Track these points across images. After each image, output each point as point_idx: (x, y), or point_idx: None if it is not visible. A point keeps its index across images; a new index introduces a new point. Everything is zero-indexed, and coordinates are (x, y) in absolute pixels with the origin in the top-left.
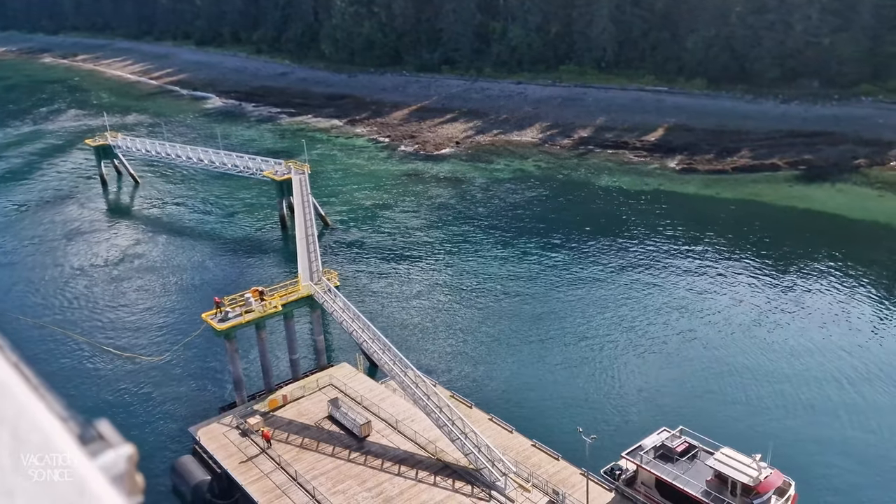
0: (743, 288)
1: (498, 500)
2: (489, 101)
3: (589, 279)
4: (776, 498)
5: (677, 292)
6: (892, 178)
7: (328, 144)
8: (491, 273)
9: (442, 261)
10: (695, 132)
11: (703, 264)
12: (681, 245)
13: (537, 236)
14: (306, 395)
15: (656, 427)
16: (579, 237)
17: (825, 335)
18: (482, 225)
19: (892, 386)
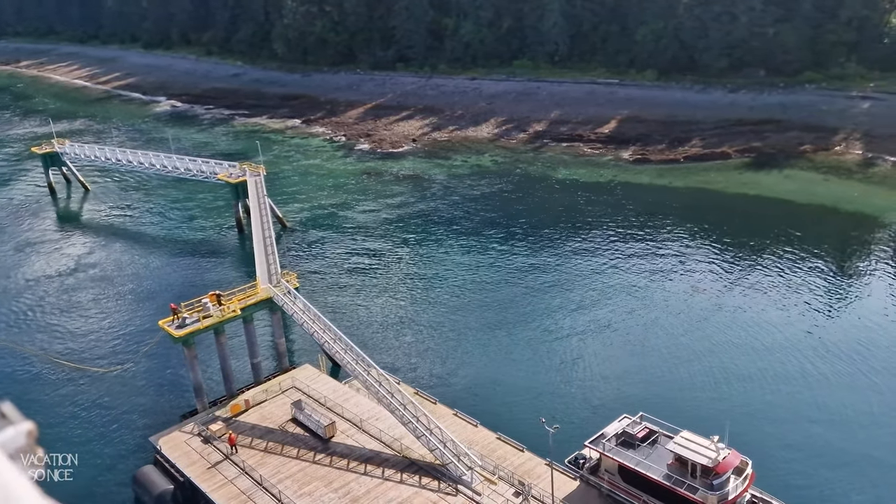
0: (699, 275)
1: (465, 494)
2: (444, 97)
3: (549, 272)
4: (734, 477)
5: (636, 281)
6: (836, 162)
7: (284, 145)
8: (452, 269)
9: (403, 259)
10: (647, 123)
11: (660, 253)
12: (637, 235)
13: (497, 231)
14: (269, 399)
15: (618, 414)
16: (538, 231)
17: (778, 317)
18: (442, 221)
19: (843, 363)
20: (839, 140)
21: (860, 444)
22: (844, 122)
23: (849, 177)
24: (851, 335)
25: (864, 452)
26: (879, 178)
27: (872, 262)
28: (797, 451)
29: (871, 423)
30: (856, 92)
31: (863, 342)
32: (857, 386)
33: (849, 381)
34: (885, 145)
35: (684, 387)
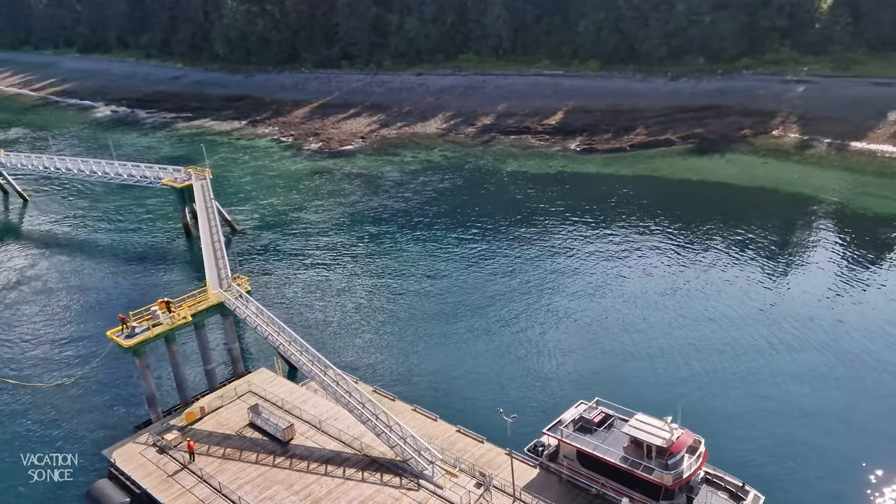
0: (649, 260)
1: (427, 488)
2: (391, 93)
3: (503, 265)
4: (688, 456)
5: (588, 269)
6: (774, 145)
7: (230, 147)
8: (407, 266)
9: (357, 257)
10: (592, 113)
11: (611, 240)
12: (588, 224)
13: (450, 226)
14: (225, 405)
15: (575, 401)
16: (491, 224)
17: (726, 298)
18: (395, 218)
19: (790, 339)
20: (777, 123)
21: (807, 416)
22: (781, 106)
23: (787, 159)
24: (796, 311)
25: (811, 424)
26: (815, 159)
27: (813, 240)
28: (747, 428)
29: (818, 396)
30: (790, 76)
31: (807, 317)
32: (803, 361)
33: (795, 356)
34: (819, 127)
35: (638, 370)
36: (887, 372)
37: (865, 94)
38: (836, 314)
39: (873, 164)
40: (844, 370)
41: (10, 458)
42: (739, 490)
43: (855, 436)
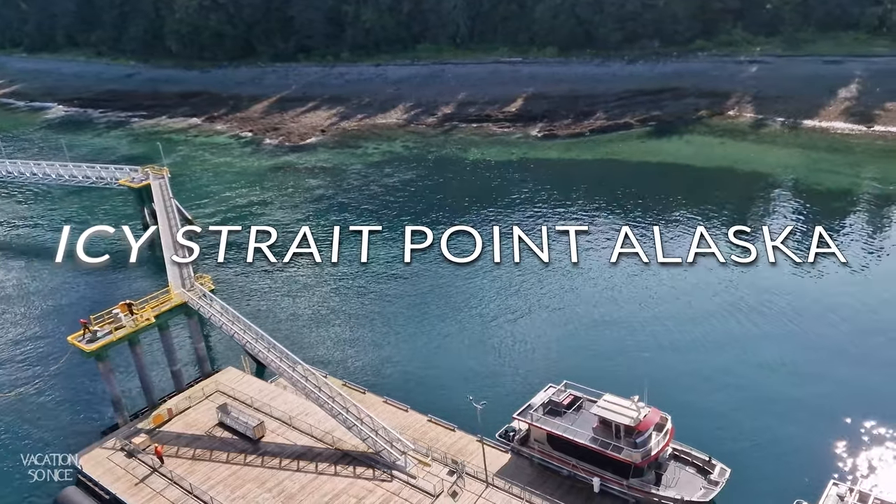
0: (611, 242)
1: (400, 478)
2: (350, 85)
3: (468, 253)
4: (656, 434)
5: (552, 255)
6: (730, 125)
7: (188, 145)
8: (372, 258)
9: (322, 252)
10: (551, 99)
11: (573, 224)
12: (550, 209)
13: (415, 216)
14: (193, 406)
15: (543, 384)
16: (455, 213)
17: (687, 278)
18: (359, 211)
19: (750, 316)
20: (732, 104)
21: (770, 391)
22: (735, 87)
23: (743, 138)
24: (756, 287)
25: (774, 398)
26: (770, 138)
27: (770, 217)
28: (713, 403)
29: (780, 370)
30: (743, 57)
31: (766, 293)
32: (764, 336)
33: (756, 331)
34: (773, 106)
35: (604, 352)
36: (847, 343)
37: (817, 72)
38: (794, 287)
39: (825, 140)
40: (805, 343)
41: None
42: (706, 464)
43: (817, 408)
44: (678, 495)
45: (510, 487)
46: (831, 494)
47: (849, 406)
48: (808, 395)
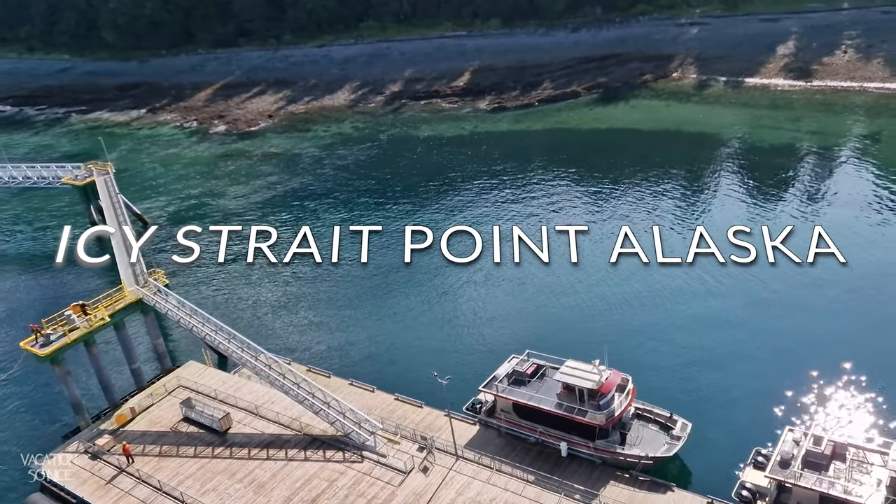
0: (567, 210)
1: (370, 458)
2: (295, 68)
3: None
4: (618, 395)
5: (508, 225)
6: (674, 88)
7: (131, 139)
8: (330, 242)
9: (279, 239)
10: (498, 71)
11: (527, 196)
12: (504, 181)
13: (370, 197)
14: (156, 403)
15: (506, 356)
16: (410, 191)
17: (640, 241)
18: (314, 195)
19: (703, 274)
20: (675, 66)
21: (725, 345)
22: (678, 49)
23: (687, 100)
24: (707, 245)
25: (729, 353)
26: (714, 98)
27: (718, 176)
28: (671, 361)
29: (734, 326)
30: (684, 19)
31: (718, 251)
32: (717, 293)
33: (709, 288)
34: (715, 66)
35: (564, 319)
36: (796, 297)
37: (755, 30)
38: (743, 243)
39: (767, 97)
40: (757, 297)
41: None
42: (668, 420)
43: (771, 361)
44: (643, 452)
45: (480, 458)
46: (787, 440)
47: (802, 358)
48: (761, 349)
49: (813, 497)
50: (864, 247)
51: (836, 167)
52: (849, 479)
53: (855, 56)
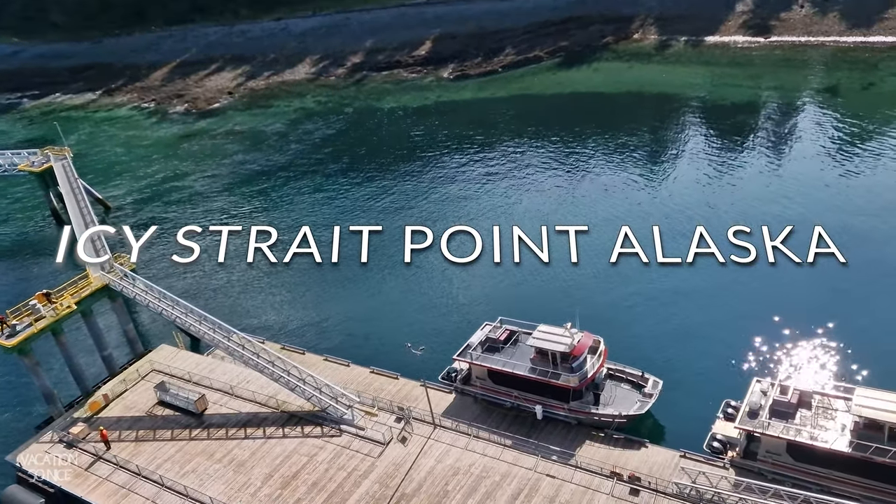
0: (535, 175)
1: (349, 431)
2: (252, 43)
3: (394, 202)
4: (590, 357)
5: (477, 193)
6: (636, 49)
7: (88, 122)
8: (299, 217)
9: (247, 217)
10: (460, 39)
11: (494, 162)
12: (471, 149)
13: (337, 171)
14: (129, 388)
15: (479, 323)
16: (377, 163)
17: (608, 200)
18: (280, 172)
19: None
20: (636, 27)
21: (694, 303)
22: (638, 9)
23: (649, 61)
24: (674, 202)
25: (697, 310)
26: (675, 58)
27: (682, 134)
28: (641, 321)
29: (702, 282)
30: None
31: (684, 206)
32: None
33: (676, 245)
34: (675, 26)
35: (535, 284)
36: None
37: None
38: (708, 198)
39: (727, 55)
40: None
41: None
42: (640, 379)
43: (739, 316)
44: (616, 411)
45: (457, 425)
46: (755, 391)
47: (768, 311)
48: (728, 306)
49: (781, 444)
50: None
51: (798, 123)
52: (814, 426)
53: (811, 11)
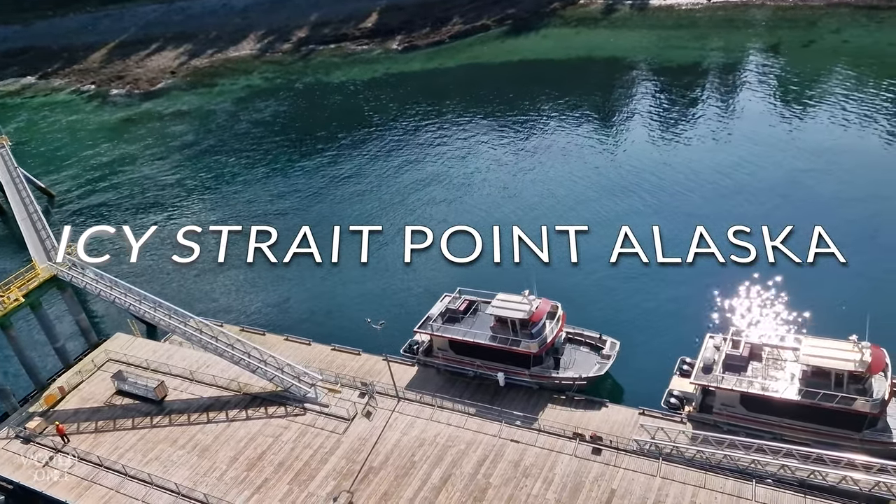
0: (486, 145)
1: (313, 410)
2: (194, 20)
3: (348, 177)
4: (549, 322)
5: (432, 164)
6: (583, 14)
7: (25, 108)
8: (253, 197)
9: (200, 199)
10: (407, 9)
11: (447, 132)
12: (424, 120)
13: (289, 148)
14: (86, 379)
15: (438, 295)
16: (329, 139)
17: (563, 165)
18: (230, 152)
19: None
20: None
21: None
22: None
23: (596, 25)
24: (628, 163)
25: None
26: (622, 22)
27: (631, 97)
28: (598, 284)
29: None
30: None
31: (637, 167)
32: (638, 208)
33: (631, 203)
34: None
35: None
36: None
37: None
38: (662, 157)
39: (671, 17)
40: (680, 211)
41: None
42: (598, 341)
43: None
44: (576, 374)
45: (421, 397)
46: (709, 346)
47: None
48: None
49: (734, 397)
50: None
51: (743, 83)
52: (765, 377)
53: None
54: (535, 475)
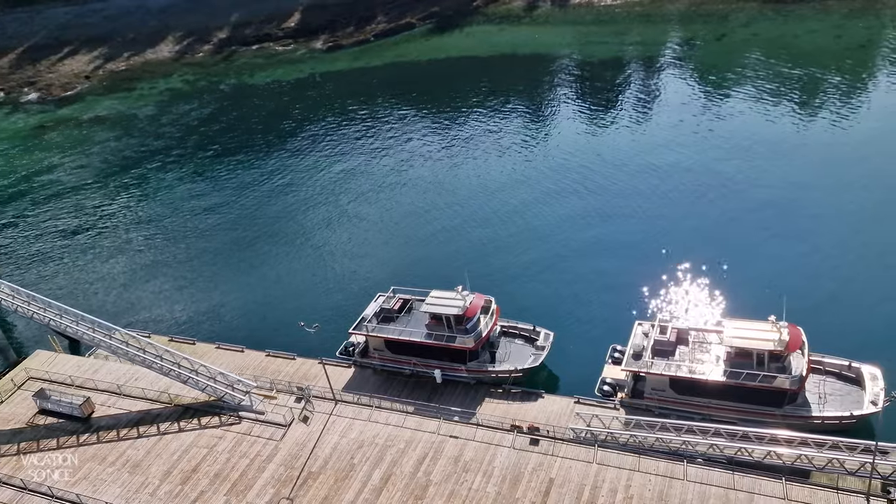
0: (415, 144)
1: (248, 418)
2: (109, 22)
3: (278, 180)
4: (483, 317)
5: (360, 167)
6: (505, 12)
7: None
8: (180, 204)
9: (124, 208)
10: (329, 9)
11: (375, 133)
12: (350, 121)
13: (215, 154)
14: (5, 400)
15: (372, 295)
16: (254, 141)
17: (491, 164)
18: (153, 158)
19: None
20: None
21: (582, 254)
22: None
23: (519, 22)
24: (557, 158)
25: (585, 261)
26: (544, 18)
27: (555, 92)
28: (530, 278)
29: (589, 232)
30: None
31: (566, 162)
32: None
33: (564, 199)
34: None
35: (425, 252)
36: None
37: None
38: (593, 149)
39: (591, 13)
40: (610, 201)
41: None
42: (532, 333)
43: (619, 262)
44: (512, 367)
45: (358, 398)
46: (638, 333)
47: (644, 254)
48: (618, 253)
49: (664, 381)
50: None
51: (660, 75)
52: (692, 360)
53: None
54: (475, 469)
